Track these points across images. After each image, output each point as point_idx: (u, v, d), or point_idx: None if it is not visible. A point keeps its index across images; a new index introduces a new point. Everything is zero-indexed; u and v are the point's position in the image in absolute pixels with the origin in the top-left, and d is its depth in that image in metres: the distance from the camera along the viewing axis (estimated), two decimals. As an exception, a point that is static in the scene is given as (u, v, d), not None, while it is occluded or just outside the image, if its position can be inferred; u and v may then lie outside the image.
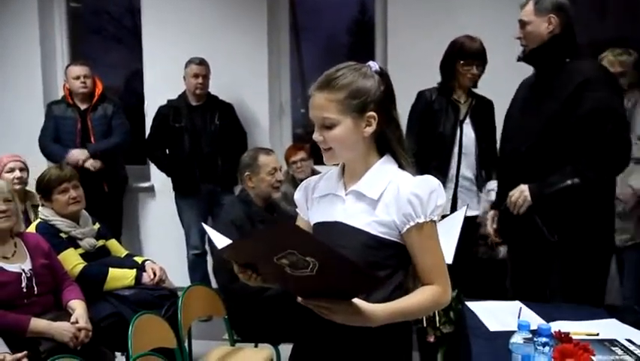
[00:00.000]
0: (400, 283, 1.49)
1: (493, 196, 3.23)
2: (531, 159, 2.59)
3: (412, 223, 1.42)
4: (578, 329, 2.09)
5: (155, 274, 2.97)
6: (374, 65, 1.51)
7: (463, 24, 4.22)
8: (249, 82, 4.63)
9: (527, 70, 2.77)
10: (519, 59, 2.68)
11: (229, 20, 4.64)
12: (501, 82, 3.38)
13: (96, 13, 5.61)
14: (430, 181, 1.46)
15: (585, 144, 2.45)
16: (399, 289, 1.47)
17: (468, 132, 3.29)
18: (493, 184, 3.31)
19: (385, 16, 4.46)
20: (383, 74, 1.51)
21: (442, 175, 3.24)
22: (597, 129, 2.43)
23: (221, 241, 1.45)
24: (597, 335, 2.06)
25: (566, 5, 2.56)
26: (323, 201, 1.57)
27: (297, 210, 1.68)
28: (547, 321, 2.15)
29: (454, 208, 3.30)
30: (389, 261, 1.47)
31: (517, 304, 2.43)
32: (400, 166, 1.52)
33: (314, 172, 4.26)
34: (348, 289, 1.33)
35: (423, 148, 3.20)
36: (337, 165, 1.59)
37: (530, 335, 1.61)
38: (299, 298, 1.36)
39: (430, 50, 4.03)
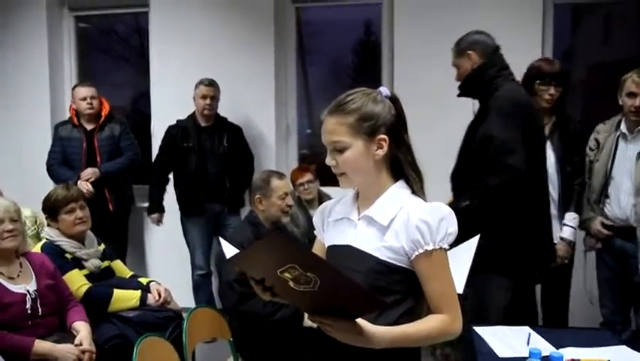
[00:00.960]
0: (410, 310, 1.47)
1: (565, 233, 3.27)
2: (454, 180, 2.94)
3: (420, 250, 1.42)
4: (589, 355, 2.06)
5: (160, 295, 2.95)
6: (384, 91, 1.52)
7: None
8: (256, 103, 4.63)
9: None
10: (459, 95, 2.98)
11: (236, 42, 4.65)
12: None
13: (104, 33, 5.65)
14: (440, 209, 1.45)
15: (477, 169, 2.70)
16: (407, 315, 1.46)
17: (549, 154, 3.22)
18: (570, 217, 3.28)
19: (392, 39, 4.47)
20: (394, 100, 1.52)
21: None
22: (481, 155, 2.68)
23: (234, 253, 1.45)
24: (608, 361, 2.03)
25: (480, 38, 2.90)
26: (338, 225, 1.58)
27: (315, 232, 1.70)
28: (557, 347, 2.14)
29: None
30: (397, 286, 1.46)
31: (525, 329, 2.41)
32: (413, 192, 1.51)
33: (320, 194, 4.27)
34: (349, 309, 1.32)
35: None
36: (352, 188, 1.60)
37: (541, 363, 1.59)
38: (306, 315, 1.38)
39: (437, 73, 4.07)
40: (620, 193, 3.14)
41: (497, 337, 2.28)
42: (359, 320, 1.33)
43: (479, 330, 2.36)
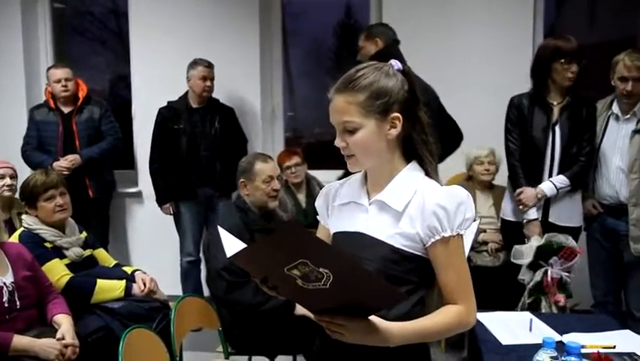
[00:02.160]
0: (421, 299, 1.39)
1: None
2: None
3: (437, 237, 1.33)
4: (593, 341, 2.00)
5: (145, 285, 2.84)
6: (396, 64, 1.41)
7: (459, 29, 4.20)
8: (241, 86, 4.53)
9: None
10: None
11: (220, 24, 4.54)
12: (497, 89, 3.63)
13: (80, 15, 5.49)
14: (458, 192, 1.36)
15: None
16: (420, 306, 1.37)
17: (556, 134, 3.17)
18: (559, 178, 3.18)
19: (380, 19, 4.37)
20: (406, 73, 1.41)
21: (534, 180, 3.19)
22: None
23: (233, 245, 1.31)
24: (614, 347, 1.97)
25: (388, 30, 3.38)
26: (345, 210, 1.47)
27: (318, 217, 1.58)
28: (560, 333, 2.09)
29: (545, 216, 3.21)
30: (410, 276, 1.36)
31: (526, 315, 2.36)
32: (427, 173, 1.42)
33: (308, 177, 4.18)
34: (366, 305, 1.22)
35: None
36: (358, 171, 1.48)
37: (555, 353, 1.52)
38: (312, 315, 1.27)
39: (427, 52, 3.99)
40: (610, 172, 3.15)
41: (499, 324, 2.22)
42: (372, 317, 1.24)
43: (480, 316, 2.28)
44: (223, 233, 1.32)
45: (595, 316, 2.63)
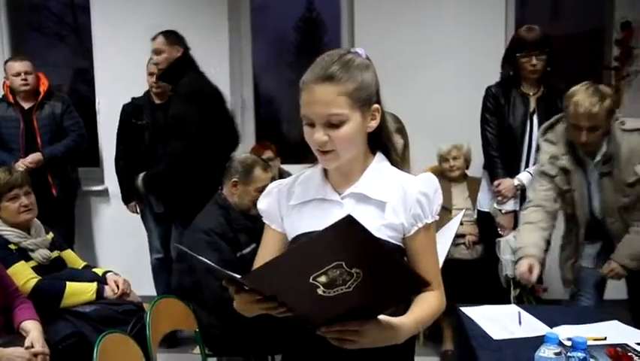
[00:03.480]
0: None
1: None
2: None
3: (420, 225, 1.33)
4: (584, 333, 1.97)
5: (118, 286, 2.73)
6: (363, 52, 1.34)
7: (432, 23, 4.17)
8: (210, 78, 4.40)
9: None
10: (160, 79, 3.74)
11: (187, 17, 4.40)
12: (465, 87, 3.63)
13: (35, 9, 5.31)
14: (433, 179, 1.37)
15: None
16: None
17: (535, 127, 3.16)
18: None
19: (352, 10, 4.31)
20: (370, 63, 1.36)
21: (512, 170, 3.17)
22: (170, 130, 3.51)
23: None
24: (605, 339, 1.95)
25: (184, 39, 3.62)
26: (306, 208, 1.38)
27: (264, 220, 1.48)
28: (550, 326, 2.06)
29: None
30: None
31: (513, 308, 2.33)
32: (392, 163, 1.40)
33: (281, 172, 4.09)
34: (381, 303, 1.18)
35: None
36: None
37: (559, 349, 1.48)
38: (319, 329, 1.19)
39: (399, 46, 3.95)
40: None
41: (487, 318, 2.18)
42: (381, 316, 1.19)
43: (466, 310, 2.26)
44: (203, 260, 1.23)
45: (580, 307, 2.61)
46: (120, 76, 4.44)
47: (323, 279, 1.05)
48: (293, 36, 5.31)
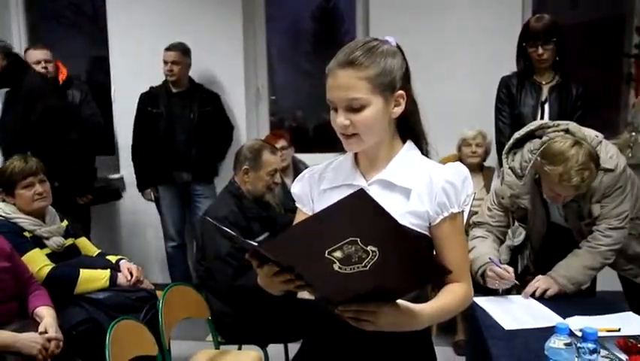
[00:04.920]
0: None
1: None
2: None
3: (445, 214, 1.32)
4: (597, 324, 1.94)
5: (132, 274, 2.74)
6: (393, 40, 1.36)
7: (451, 9, 4.12)
8: (224, 68, 4.43)
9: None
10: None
11: (201, 7, 4.41)
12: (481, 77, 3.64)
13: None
14: (461, 168, 1.36)
15: None
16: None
17: (545, 116, 3.14)
18: None
19: (367, 6, 4.28)
20: (401, 51, 1.37)
21: None
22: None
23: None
24: (619, 330, 1.93)
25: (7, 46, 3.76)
26: (335, 193, 1.39)
27: (297, 204, 1.50)
28: (563, 317, 2.04)
29: None
30: None
31: (527, 299, 2.29)
32: (423, 152, 1.41)
33: (295, 161, 4.09)
34: (399, 287, 1.17)
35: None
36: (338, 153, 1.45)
37: (570, 340, 1.45)
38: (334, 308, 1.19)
39: (413, 36, 3.90)
40: None
41: (500, 308, 2.16)
42: (399, 301, 1.20)
43: (479, 301, 2.23)
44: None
45: (597, 298, 2.57)
46: (135, 64, 4.46)
47: (338, 254, 1.06)
48: (309, 26, 5.29)
